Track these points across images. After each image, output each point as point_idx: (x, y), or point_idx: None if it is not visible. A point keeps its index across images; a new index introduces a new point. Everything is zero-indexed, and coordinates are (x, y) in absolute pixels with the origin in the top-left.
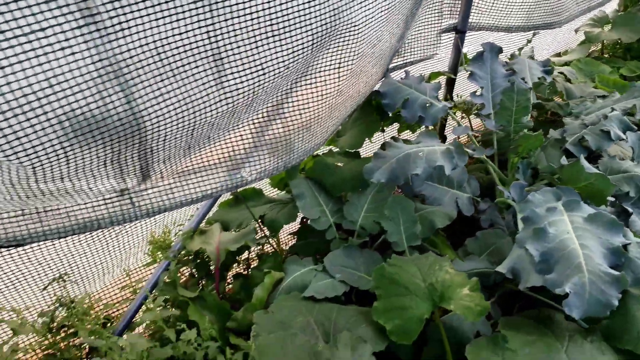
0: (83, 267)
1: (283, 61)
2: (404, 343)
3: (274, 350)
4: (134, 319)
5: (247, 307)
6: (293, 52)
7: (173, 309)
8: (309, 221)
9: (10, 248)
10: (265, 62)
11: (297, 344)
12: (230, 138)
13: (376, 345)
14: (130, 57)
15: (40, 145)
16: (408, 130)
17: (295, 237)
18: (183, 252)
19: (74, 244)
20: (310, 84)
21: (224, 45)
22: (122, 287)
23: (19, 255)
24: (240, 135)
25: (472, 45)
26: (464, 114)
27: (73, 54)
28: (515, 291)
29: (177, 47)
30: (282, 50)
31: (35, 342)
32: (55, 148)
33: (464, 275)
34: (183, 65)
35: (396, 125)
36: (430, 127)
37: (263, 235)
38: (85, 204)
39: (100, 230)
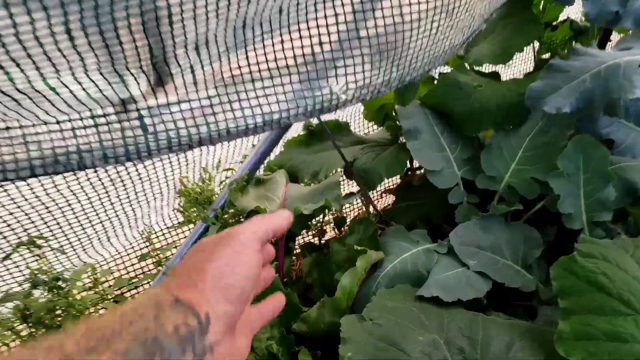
0: (72, 228)
1: None
2: None
3: None
4: None
5: (325, 303)
6: None
7: None
8: (421, 171)
9: None
10: None
11: None
12: (312, 25)
13: None
14: None
15: None
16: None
17: (393, 195)
18: (231, 212)
19: (48, 189)
20: None
21: None
22: (140, 257)
23: None
24: (335, 21)
25: None
26: None
27: None
28: None
29: None
30: None
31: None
32: None
33: None
34: None
35: None
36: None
37: (349, 192)
38: (58, 122)
39: (89, 170)
